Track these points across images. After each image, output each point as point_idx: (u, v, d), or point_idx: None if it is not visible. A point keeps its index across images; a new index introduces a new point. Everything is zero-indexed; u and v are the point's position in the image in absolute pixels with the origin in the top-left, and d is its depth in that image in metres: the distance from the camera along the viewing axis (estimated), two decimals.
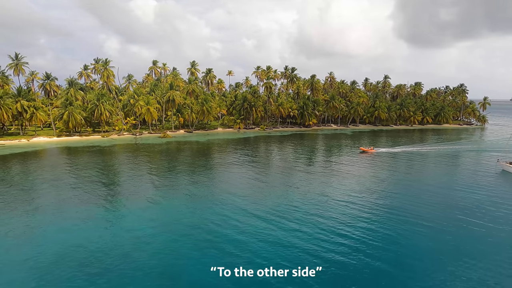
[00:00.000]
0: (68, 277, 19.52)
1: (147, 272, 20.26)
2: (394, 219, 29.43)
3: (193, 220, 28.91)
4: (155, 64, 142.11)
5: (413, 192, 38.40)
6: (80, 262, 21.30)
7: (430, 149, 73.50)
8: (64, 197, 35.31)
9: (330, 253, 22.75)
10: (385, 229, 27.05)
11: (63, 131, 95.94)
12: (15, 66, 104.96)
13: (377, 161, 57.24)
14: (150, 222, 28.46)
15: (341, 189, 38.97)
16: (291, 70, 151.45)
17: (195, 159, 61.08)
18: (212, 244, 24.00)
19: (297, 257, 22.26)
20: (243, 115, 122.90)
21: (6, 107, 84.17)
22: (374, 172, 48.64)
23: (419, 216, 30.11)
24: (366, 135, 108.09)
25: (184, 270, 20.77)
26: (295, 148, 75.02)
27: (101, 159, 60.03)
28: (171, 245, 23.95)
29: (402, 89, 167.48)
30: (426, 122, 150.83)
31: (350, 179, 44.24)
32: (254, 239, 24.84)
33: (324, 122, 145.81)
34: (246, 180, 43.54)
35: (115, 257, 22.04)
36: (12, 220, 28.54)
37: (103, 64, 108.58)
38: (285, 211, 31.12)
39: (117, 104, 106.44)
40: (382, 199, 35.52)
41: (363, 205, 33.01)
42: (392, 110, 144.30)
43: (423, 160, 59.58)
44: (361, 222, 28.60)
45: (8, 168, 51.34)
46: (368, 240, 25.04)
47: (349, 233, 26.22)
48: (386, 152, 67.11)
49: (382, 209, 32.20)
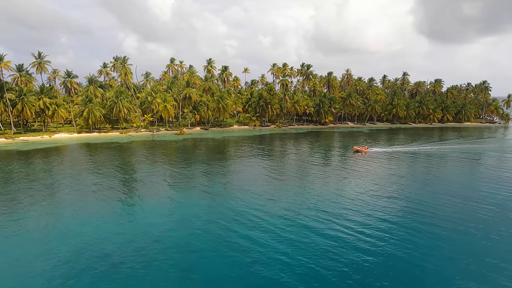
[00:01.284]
0: (86, 269, 20.03)
1: (163, 266, 20.57)
2: (415, 219, 28.85)
3: (209, 216, 29.14)
4: (173, 62, 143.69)
5: (432, 192, 37.51)
6: (98, 255, 21.82)
7: (447, 148, 71.57)
8: (85, 192, 36.22)
9: (348, 251, 22.50)
10: (407, 229, 26.54)
11: (83, 128, 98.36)
12: (38, 65, 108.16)
13: (393, 160, 56.23)
14: (166, 217, 28.86)
15: (357, 188, 38.46)
16: (307, 67, 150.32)
17: (211, 156, 61.52)
18: (228, 240, 24.14)
19: (311, 255, 22.11)
20: (258, 113, 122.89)
21: (29, 104, 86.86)
22: (389, 170, 47.80)
23: (441, 216, 29.41)
24: (384, 133, 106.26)
25: (200, 264, 20.97)
26: (310, 146, 74.52)
27: (119, 155, 61.26)
28: (187, 240, 24.23)
29: (421, 86, 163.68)
30: (446, 120, 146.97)
31: (367, 177, 43.60)
32: (269, 236, 24.83)
33: (341, 120, 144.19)
34: (261, 177, 43.56)
35: (132, 250, 22.47)
36: (36, 213, 29.50)
37: (122, 62, 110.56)
38: (301, 208, 30.97)
39: (135, 101, 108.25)
40: (400, 198, 34.86)
41: (379, 205, 32.48)
42: (411, 108, 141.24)
43: (440, 160, 58.11)
44: (379, 221, 28.16)
45: (32, 163, 53.05)
46: (388, 240, 24.63)
47: (367, 232, 25.86)
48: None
49: (401, 208, 31.62)
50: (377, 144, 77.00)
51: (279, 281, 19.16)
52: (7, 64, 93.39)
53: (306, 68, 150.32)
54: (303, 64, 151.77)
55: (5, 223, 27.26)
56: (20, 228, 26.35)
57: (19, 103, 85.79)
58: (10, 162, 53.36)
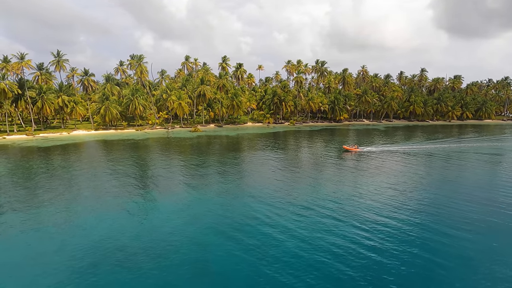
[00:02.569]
0: (103, 264, 20.41)
1: (176, 261, 20.77)
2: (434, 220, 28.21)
3: (223, 212, 29.26)
4: (187, 60, 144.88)
5: (451, 192, 36.56)
6: (114, 250, 22.20)
7: (467, 146, 69.61)
8: (101, 188, 36.94)
9: (365, 252, 22.19)
10: (426, 229, 25.96)
11: (100, 125, 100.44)
12: (57, 63, 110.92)
13: (411, 159, 55.14)
14: (180, 214, 29.12)
15: (373, 186, 37.85)
16: (322, 63, 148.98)
17: (225, 153, 61.76)
18: (241, 237, 24.16)
19: (326, 254, 21.90)
20: (272, 110, 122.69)
21: (49, 102, 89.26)
22: (405, 169, 46.87)
23: (462, 218, 28.64)
24: (400, 131, 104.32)
25: (213, 261, 21.06)
26: (325, 143, 73.86)
27: (135, 152, 62.23)
28: (201, 236, 24.38)
29: (440, 83, 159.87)
30: (465, 117, 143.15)
31: (383, 175, 42.87)
32: (284, 235, 24.71)
33: (356, 117, 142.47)
34: (275, 175, 43.44)
35: (146, 246, 22.77)
36: (55, 209, 30.25)
37: (138, 60, 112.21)
38: (316, 207, 30.70)
39: (151, 99, 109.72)
40: (418, 198, 34.14)
41: (396, 205, 31.89)
42: (429, 105, 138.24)
43: (456, 160, 56.59)
44: (399, 221, 27.64)
45: (51, 159, 54.48)
46: (408, 241, 24.15)
47: (387, 231, 25.42)
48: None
49: (420, 208, 30.95)
50: (394, 141, 75.63)
51: (292, 280, 19.07)
52: (28, 63, 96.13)
53: (321, 64, 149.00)
54: (318, 60, 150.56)
55: (25, 218, 28.07)
56: (39, 223, 27.07)
57: (39, 100, 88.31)
58: (30, 158, 54.96)
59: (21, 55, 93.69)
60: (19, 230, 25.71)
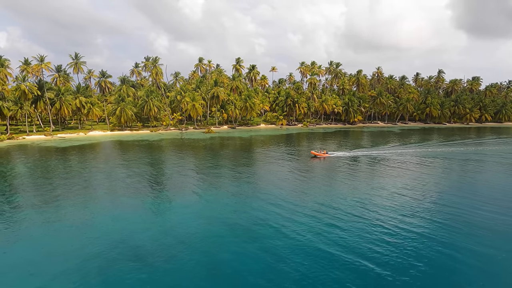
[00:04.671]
0: (117, 262, 20.71)
1: (189, 262, 20.89)
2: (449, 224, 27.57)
3: (236, 214, 29.29)
4: (201, 61, 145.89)
5: (468, 197, 35.65)
6: (128, 249, 22.49)
7: (486, 149, 67.80)
8: (116, 188, 37.54)
9: (379, 256, 21.84)
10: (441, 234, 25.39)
11: (116, 126, 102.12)
12: (75, 65, 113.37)
13: (424, 162, 54.06)
14: (193, 214, 29.31)
15: (390, 191, 37.25)
16: (336, 65, 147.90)
17: (238, 154, 61.90)
18: (254, 240, 24.12)
19: (340, 258, 21.64)
20: (286, 112, 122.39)
21: (66, 103, 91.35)
22: (415, 173, 45.96)
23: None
24: (416, 133, 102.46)
25: (225, 262, 21.10)
26: (338, 145, 73.16)
27: (149, 152, 63.03)
28: (213, 237, 24.46)
29: (457, 85, 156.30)
30: (484, 120, 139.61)
31: (398, 178, 42.13)
32: (297, 236, 24.55)
33: (370, 119, 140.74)
34: (288, 176, 43.25)
35: (159, 246, 22.99)
36: (72, 208, 30.90)
37: (153, 62, 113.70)
38: (330, 209, 30.40)
39: (165, 100, 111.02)
40: (430, 203, 33.41)
41: (412, 209, 31.29)
42: (446, 107, 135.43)
43: (476, 163, 55.12)
44: (412, 226, 27.12)
45: (68, 159, 55.73)
46: (423, 247, 23.66)
47: (403, 235, 24.97)
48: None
49: (431, 213, 30.30)
50: (410, 143, 74.29)
51: (304, 283, 18.93)
52: (47, 65, 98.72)
53: (335, 66, 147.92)
54: (331, 62, 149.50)
55: (43, 216, 28.77)
56: (57, 221, 27.70)
57: (58, 102, 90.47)
58: (49, 158, 56.33)
59: (40, 58, 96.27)
60: (38, 227, 26.39)
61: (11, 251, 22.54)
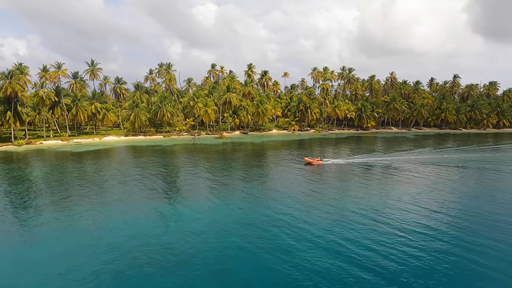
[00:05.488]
0: (130, 266, 20.91)
1: (200, 267, 20.92)
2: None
3: (247, 219, 29.25)
4: (213, 67, 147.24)
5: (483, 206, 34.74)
6: (140, 253, 22.69)
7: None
8: (129, 193, 38.02)
9: (392, 263, 21.45)
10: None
11: (130, 131, 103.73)
12: (91, 72, 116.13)
13: (439, 169, 52.99)
14: (205, 219, 29.40)
15: (403, 197, 36.62)
16: (349, 70, 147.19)
17: (250, 160, 61.95)
18: (267, 247, 24.00)
19: (356, 268, 21.32)
20: (298, 117, 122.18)
21: (82, 109, 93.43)
22: (429, 181, 45.04)
23: None
24: (431, 139, 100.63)
25: (235, 268, 21.06)
26: (351, 151, 72.43)
27: (162, 157, 63.71)
28: (224, 243, 24.45)
29: (473, 90, 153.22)
30: (502, 125, 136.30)
31: (414, 185, 41.42)
32: (308, 243, 24.34)
33: (384, 125, 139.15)
34: (301, 182, 43.01)
35: (171, 250, 23.11)
36: (86, 212, 31.42)
37: (166, 68, 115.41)
38: (342, 217, 30.06)
39: (178, 106, 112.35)
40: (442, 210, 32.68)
41: (426, 216, 30.68)
42: (462, 112, 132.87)
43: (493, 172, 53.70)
44: (427, 234, 26.57)
45: (83, 164, 56.80)
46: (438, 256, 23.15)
47: (415, 245, 24.49)
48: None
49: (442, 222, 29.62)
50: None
51: None
52: (64, 72, 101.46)
53: (348, 71, 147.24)
54: (344, 67, 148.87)
55: (59, 220, 29.34)
56: (71, 225, 28.17)
57: (74, 107, 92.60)
58: (64, 163, 57.54)
59: (58, 65, 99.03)
60: (54, 230, 26.89)
61: (26, 254, 23.01)
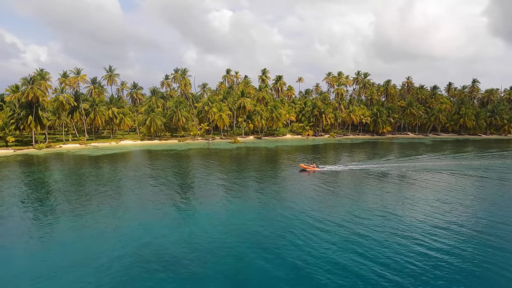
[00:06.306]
0: (144, 270, 21.10)
1: (213, 272, 20.91)
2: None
3: (261, 225, 29.13)
4: (228, 73, 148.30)
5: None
6: (153, 256, 22.88)
7: None
8: (145, 196, 38.51)
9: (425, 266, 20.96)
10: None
11: (146, 135, 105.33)
12: (109, 77, 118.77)
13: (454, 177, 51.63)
14: (219, 224, 29.43)
15: (423, 204, 35.84)
16: (364, 75, 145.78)
17: (264, 165, 61.88)
18: (280, 253, 23.83)
19: (373, 279, 20.93)
20: (312, 122, 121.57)
21: (100, 113, 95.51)
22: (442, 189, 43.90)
23: None
24: (449, 145, 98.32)
25: (249, 273, 20.96)
26: (367, 157, 71.41)
27: (177, 162, 64.35)
28: (238, 248, 24.39)
29: (493, 94, 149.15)
30: None
31: (433, 193, 40.49)
32: (323, 251, 24.04)
33: (400, 130, 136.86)
34: (315, 188, 42.64)
35: (185, 254, 23.19)
36: (102, 214, 31.97)
37: (182, 74, 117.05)
38: (360, 224, 29.59)
39: (193, 111, 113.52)
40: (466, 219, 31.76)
41: (445, 225, 29.90)
42: (481, 118, 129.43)
43: None
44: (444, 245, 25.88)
45: (100, 167, 57.92)
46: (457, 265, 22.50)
47: (434, 256, 23.88)
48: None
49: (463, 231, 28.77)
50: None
51: None
52: (83, 78, 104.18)
53: (363, 76, 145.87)
54: (359, 72, 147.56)
55: (75, 222, 29.91)
56: (88, 228, 28.64)
57: (92, 112, 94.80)
58: (82, 166, 58.83)
59: (77, 70, 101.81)
60: (71, 233, 27.41)
61: (43, 256, 23.48)
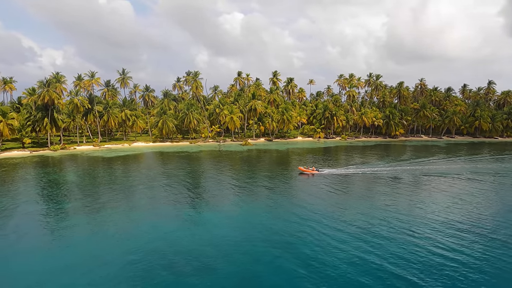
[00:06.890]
0: (153, 269, 21.27)
1: (224, 273, 20.95)
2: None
3: (272, 227, 29.05)
4: (240, 75, 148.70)
5: None
6: (164, 257, 23.06)
7: None
8: (156, 197, 38.90)
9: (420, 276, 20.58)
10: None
11: (158, 137, 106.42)
12: (122, 80, 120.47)
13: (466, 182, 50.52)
14: (230, 226, 29.51)
15: (437, 207, 35.19)
16: (376, 77, 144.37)
17: (274, 167, 61.79)
18: (291, 254, 23.71)
19: (386, 281, 20.64)
20: (323, 124, 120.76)
21: (113, 115, 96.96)
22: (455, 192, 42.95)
23: None
24: (464, 148, 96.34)
25: (260, 275, 20.90)
26: (378, 159, 70.49)
27: (188, 163, 64.80)
28: (249, 250, 24.37)
29: (510, 96, 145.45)
30: None
31: (444, 196, 39.71)
32: (335, 254, 23.82)
33: (413, 133, 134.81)
34: (326, 190, 42.33)
35: (195, 256, 23.27)
36: (114, 215, 32.41)
37: (193, 77, 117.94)
38: (373, 226, 29.22)
39: (204, 113, 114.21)
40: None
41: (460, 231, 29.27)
42: (497, 120, 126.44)
43: None
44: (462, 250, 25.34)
45: (113, 169, 58.77)
46: None
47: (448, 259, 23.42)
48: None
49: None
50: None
51: None
52: (97, 80, 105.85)
53: (375, 78, 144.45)
54: (371, 74, 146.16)
55: (89, 223, 30.41)
56: (101, 228, 29.07)
57: (105, 114, 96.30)
58: (96, 168, 59.79)
59: (91, 73, 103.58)
60: (84, 233, 27.89)
61: (57, 255, 23.92)
